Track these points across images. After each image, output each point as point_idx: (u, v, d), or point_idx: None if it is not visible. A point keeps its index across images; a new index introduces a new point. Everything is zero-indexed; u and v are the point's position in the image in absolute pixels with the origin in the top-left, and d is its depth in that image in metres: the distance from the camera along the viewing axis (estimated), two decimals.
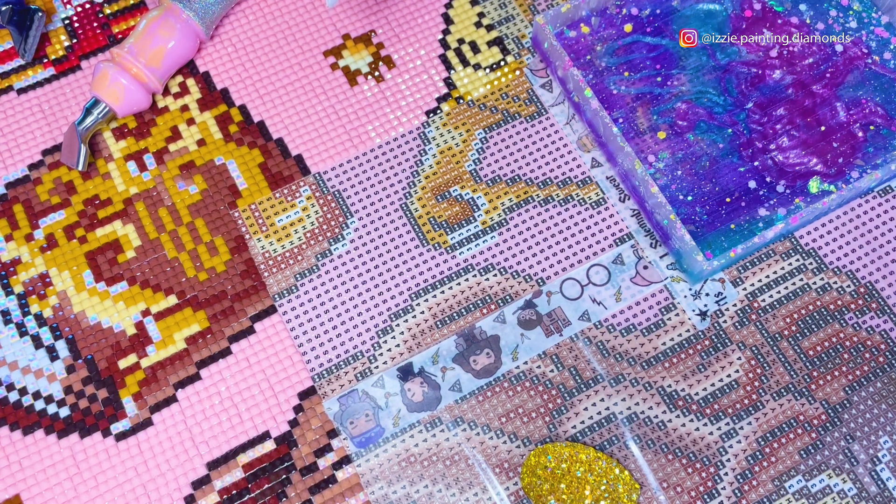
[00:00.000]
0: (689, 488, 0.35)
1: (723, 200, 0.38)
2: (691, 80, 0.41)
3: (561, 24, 0.41)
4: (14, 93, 0.41)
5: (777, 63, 0.40)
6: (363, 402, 0.36)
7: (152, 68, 0.39)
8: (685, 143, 0.39)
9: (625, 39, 0.41)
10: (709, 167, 0.39)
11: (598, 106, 0.38)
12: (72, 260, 0.38)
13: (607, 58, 0.41)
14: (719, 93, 0.40)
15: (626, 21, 0.42)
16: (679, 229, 0.36)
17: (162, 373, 0.36)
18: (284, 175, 0.40)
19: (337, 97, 0.42)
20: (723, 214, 0.38)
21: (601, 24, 0.41)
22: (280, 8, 0.43)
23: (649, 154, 0.39)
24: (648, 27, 0.42)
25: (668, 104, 0.40)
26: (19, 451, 0.35)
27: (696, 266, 0.35)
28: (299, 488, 0.35)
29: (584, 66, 0.41)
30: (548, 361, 0.37)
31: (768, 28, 0.41)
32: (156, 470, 0.35)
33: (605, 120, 0.37)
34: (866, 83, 0.40)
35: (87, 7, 0.43)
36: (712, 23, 0.41)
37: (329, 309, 0.38)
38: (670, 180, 0.39)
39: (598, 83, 0.41)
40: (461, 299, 0.38)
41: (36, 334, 0.37)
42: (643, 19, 0.42)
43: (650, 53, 0.41)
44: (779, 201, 0.38)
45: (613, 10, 0.42)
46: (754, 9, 0.41)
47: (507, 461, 0.35)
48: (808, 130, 0.39)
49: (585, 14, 0.41)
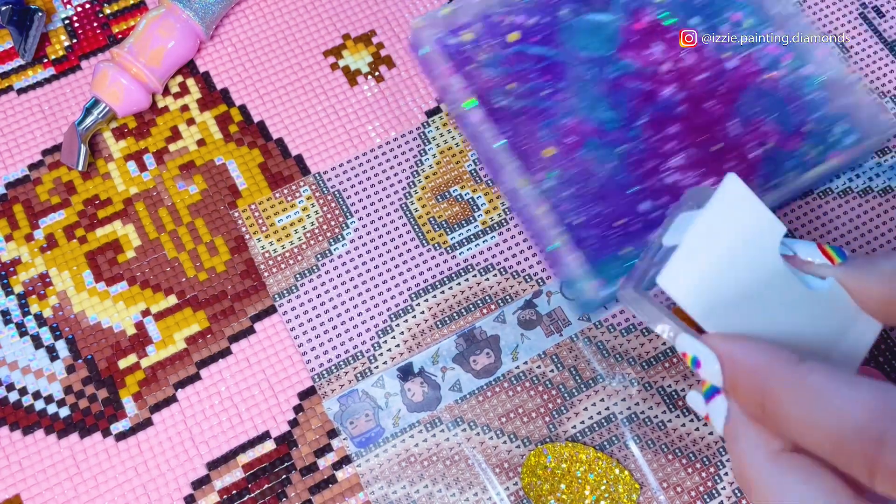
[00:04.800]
0: (689, 488, 0.35)
1: (614, 223, 0.36)
2: (580, 94, 0.38)
3: (440, 30, 0.37)
4: (14, 93, 0.41)
5: (669, 78, 0.38)
6: (363, 402, 0.36)
7: (152, 68, 0.39)
8: (574, 160, 0.37)
9: (510, 50, 0.38)
10: (599, 187, 0.36)
11: (480, 118, 0.34)
12: (72, 260, 0.38)
13: (491, 68, 0.37)
14: (610, 108, 0.37)
15: (512, 29, 0.38)
16: (568, 253, 0.33)
17: (162, 373, 0.36)
18: (284, 175, 0.40)
19: (337, 97, 0.42)
20: (614, 238, 0.35)
21: (485, 32, 0.38)
22: (280, 8, 0.43)
23: (537, 172, 0.36)
24: (535, 37, 0.38)
25: (556, 119, 0.37)
26: (19, 451, 0.35)
27: (584, 295, 0.33)
28: (299, 488, 0.35)
29: (467, 77, 0.37)
30: (548, 361, 0.37)
31: (658, 42, 0.39)
32: (156, 470, 0.35)
33: (489, 134, 0.34)
34: (760, 100, 0.38)
35: (87, 7, 0.43)
36: (602, 34, 0.39)
37: (329, 309, 0.38)
38: (558, 201, 0.36)
39: (482, 95, 0.37)
40: (461, 299, 0.38)
41: (36, 334, 0.37)
42: (529, 28, 0.38)
43: (536, 65, 0.38)
44: None
45: (498, 17, 0.38)
46: (645, 22, 0.39)
47: (507, 461, 0.35)
48: (702, 149, 0.37)
49: (467, 20, 0.37)
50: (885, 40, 0.44)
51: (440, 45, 0.37)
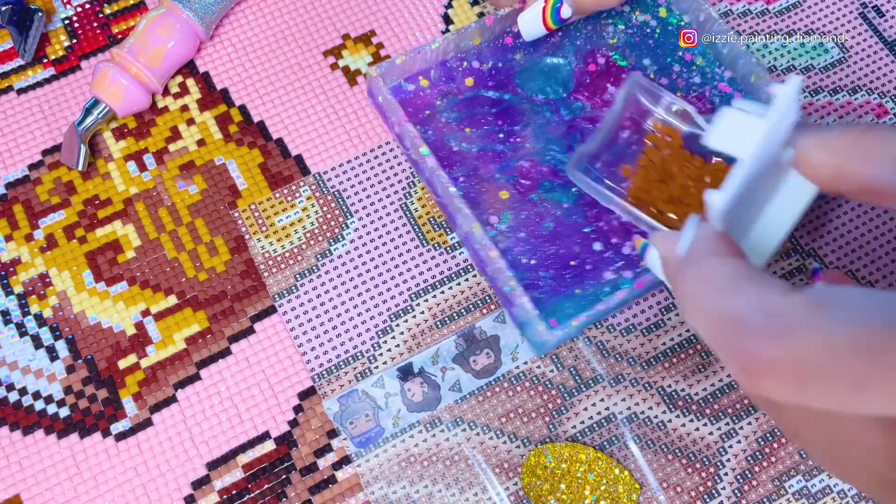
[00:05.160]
0: (689, 488, 0.35)
1: (567, 264, 0.36)
2: (535, 136, 0.38)
3: (398, 77, 0.38)
4: (14, 93, 0.41)
5: None
6: (363, 402, 0.36)
7: (152, 68, 0.39)
8: (529, 202, 0.37)
9: (466, 94, 0.39)
10: (553, 228, 0.36)
11: (434, 164, 0.35)
12: (72, 260, 0.38)
13: (447, 113, 0.38)
14: (563, 150, 0.38)
15: (468, 75, 0.39)
16: (519, 296, 0.33)
17: (162, 373, 0.36)
18: (284, 175, 0.40)
19: (337, 97, 0.42)
20: (568, 279, 0.35)
21: (441, 78, 0.39)
22: (280, 8, 0.43)
23: (491, 215, 0.36)
24: (490, 81, 0.39)
25: (512, 161, 0.38)
26: (19, 451, 0.35)
27: (538, 336, 0.33)
28: (299, 488, 0.35)
29: (424, 122, 0.38)
30: (548, 361, 0.37)
31: (612, 83, 0.39)
32: (156, 470, 0.35)
33: (443, 180, 0.35)
34: None
35: (87, 7, 0.43)
36: (556, 77, 0.39)
37: (329, 309, 0.38)
38: (513, 243, 0.36)
39: (438, 139, 0.38)
40: (461, 299, 0.38)
41: (36, 334, 0.37)
42: (485, 73, 0.39)
43: (492, 108, 0.38)
44: (626, 263, 0.35)
45: (454, 63, 0.39)
46: (598, 63, 0.39)
47: (507, 461, 0.35)
48: None
49: (424, 66, 0.38)
50: (885, 40, 0.44)
51: (395, 93, 0.38)
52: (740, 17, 0.44)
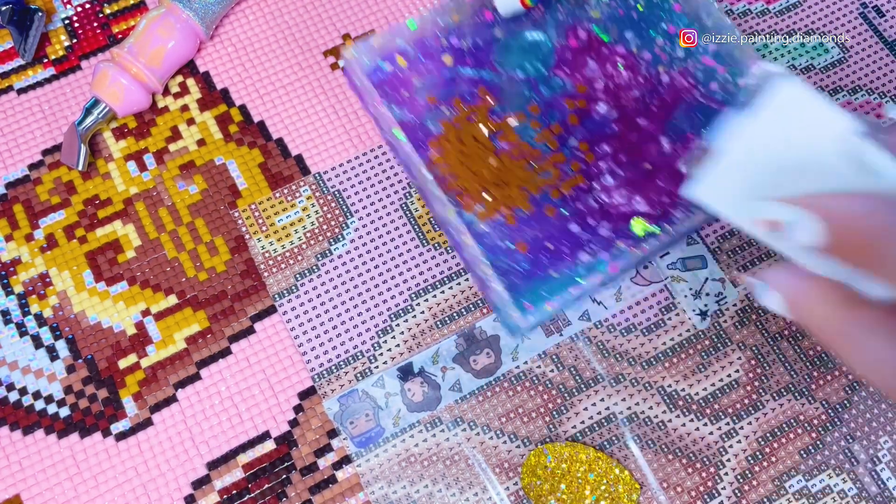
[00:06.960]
0: (689, 488, 0.35)
1: (544, 246, 0.35)
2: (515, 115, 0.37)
3: (375, 57, 0.37)
4: (14, 93, 0.41)
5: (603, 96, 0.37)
6: (363, 402, 0.36)
7: (152, 68, 0.39)
8: None
9: (444, 73, 0.37)
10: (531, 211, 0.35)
11: (410, 150, 0.34)
12: (72, 260, 0.38)
13: (426, 92, 0.37)
14: (543, 128, 0.37)
15: (446, 52, 0.38)
16: (492, 281, 0.32)
17: (162, 373, 0.36)
18: (284, 175, 0.40)
19: (337, 97, 0.42)
20: (544, 262, 0.34)
21: (419, 57, 0.37)
22: (280, 8, 0.43)
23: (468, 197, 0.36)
24: (469, 58, 0.38)
25: None
26: (19, 451, 0.35)
27: (512, 320, 0.32)
28: (299, 488, 0.35)
29: (402, 102, 0.37)
30: (548, 361, 0.37)
31: (594, 58, 0.38)
32: (156, 470, 0.35)
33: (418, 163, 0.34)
34: (693, 116, 0.37)
35: (87, 7, 0.43)
36: (536, 53, 0.38)
37: (329, 309, 0.38)
38: (491, 226, 0.35)
39: (417, 120, 0.37)
40: (461, 299, 0.38)
41: (36, 334, 0.37)
42: (463, 51, 0.38)
43: (472, 87, 0.38)
44: (602, 245, 0.35)
45: (432, 41, 0.38)
46: (580, 38, 0.38)
47: (507, 461, 0.35)
48: (634, 168, 0.36)
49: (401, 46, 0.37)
50: (886, 40, 0.44)
51: (373, 75, 0.37)
52: (740, 17, 0.44)
